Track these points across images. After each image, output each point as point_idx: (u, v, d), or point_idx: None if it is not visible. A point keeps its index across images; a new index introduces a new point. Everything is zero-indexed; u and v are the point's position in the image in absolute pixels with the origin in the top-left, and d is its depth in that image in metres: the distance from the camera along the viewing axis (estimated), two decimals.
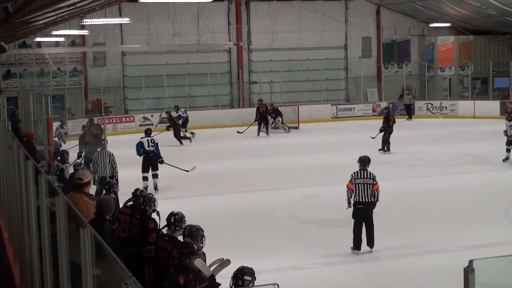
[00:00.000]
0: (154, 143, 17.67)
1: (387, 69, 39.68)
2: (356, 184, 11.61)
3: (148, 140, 17.69)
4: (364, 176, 11.67)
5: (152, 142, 17.62)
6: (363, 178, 11.65)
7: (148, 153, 17.48)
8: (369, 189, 11.56)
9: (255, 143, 27.51)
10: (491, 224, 13.31)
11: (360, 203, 11.60)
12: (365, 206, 11.59)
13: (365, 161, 12.00)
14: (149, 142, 17.62)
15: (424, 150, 23.89)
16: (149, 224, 8.41)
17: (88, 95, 34.46)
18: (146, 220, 8.47)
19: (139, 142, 17.74)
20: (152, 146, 17.56)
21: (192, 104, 35.13)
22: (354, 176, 11.70)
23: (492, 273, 4.80)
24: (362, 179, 11.64)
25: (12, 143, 8.52)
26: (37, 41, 30.93)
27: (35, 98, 23.74)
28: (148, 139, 17.70)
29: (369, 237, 11.69)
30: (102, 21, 25.11)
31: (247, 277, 6.18)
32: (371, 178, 11.66)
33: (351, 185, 11.66)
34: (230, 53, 37.05)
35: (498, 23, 35.68)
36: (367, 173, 11.73)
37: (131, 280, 3.48)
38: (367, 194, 11.56)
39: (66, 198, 5.30)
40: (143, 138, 17.78)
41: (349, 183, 11.72)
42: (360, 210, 11.62)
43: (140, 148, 17.58)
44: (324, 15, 38.06)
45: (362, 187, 11.57)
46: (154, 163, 17.55)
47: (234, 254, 7.60)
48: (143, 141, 17.64)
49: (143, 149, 17.50)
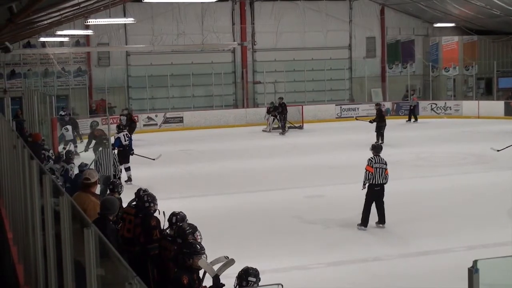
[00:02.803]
0: (129, 137, 19.47)
1: (391, 69, 39.65)
2: (375, 168, 12.88)
3: (124, 135, 19.16)
4: (380, 162, 12.97)
5: (128, 137, 19.33)
6: (380, 163, 12.94)
7: (125, 147, 18.89)
8: (383, 173, 12.90)
9: (259, 143, 27.49)
10: (495, 224, 13.29)
11: (377, 185, 12.90)
12: (381, 188, 12.93)
13: (378, 148, 13.35)
14: (125, 137, 19.12)
15: (428, 150, 23.87)
16: (152, 221, 8.45)
17: (93, 95, 34.48)
18: (148, 218, 8.51)
19: (117, 137, 19.07)
20: (127, 141, 19.19)
21: (196, 104, 35.14)
22: (373, 161, 12.96)
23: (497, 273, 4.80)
24: (379, 164, 12.92)
25: (17, 143, 8.53)
26: (41, 41, 30.96)
27: (39, 98, 23.81)
28: (124, 134, 19.16)
29: (382, 216, 13.03)
30: (107, 21, 25.12)
31: (251, 278, 6.18)
32: (384, 163, 12.99)
33: (371, 168, 12.90)
34: (234, 53, 37.04)
35: (503, 23, 35.63)
36: (381, 159, 13.03)
37: (136, 280, 3.49)
38: (382, 177, 12.89)
39: (70, 198, 5.31)
40: (120, 134, 19.14)
41: (368, 166, 12.93)
42: (377, 192, 12.91)
43: (118, 143, 18.76)
44: (328, 15, 38.04)
45: (379, 171, 12.88)
46: (127, 156, 18.94)
47: (238, 254, 7.60)
48: (120, 136, 19.04)
49: (120, 143, 18.83)
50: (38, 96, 24.06)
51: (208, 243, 7.34)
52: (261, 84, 36.88)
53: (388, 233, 13.01)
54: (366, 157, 12.37)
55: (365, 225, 12.99)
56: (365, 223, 13.00)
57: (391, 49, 39.72)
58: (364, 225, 13.00)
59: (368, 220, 13.01)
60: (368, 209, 12.99)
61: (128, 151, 19.01)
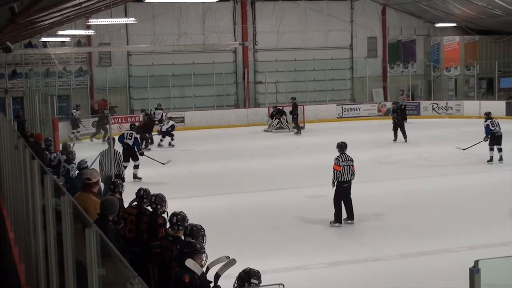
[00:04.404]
0: (132, 136, 19.27)
1: (392, 69, 39.66)
2: (342, 166, 13.28)
3: (127, 133, 19.46)
4: (346, 159, 13.38)
5: (130, 136, 19.27)
6: (346, 160, 13.37)
7: (128, 145, 19.06)
8: (350, 169, 13.34)
9: (260, 143, 27.50)
10: (496, 224, 13.28)
11: (345, 182, 13.34)
12: (349, 184, 13.38)
13: (343, 146, 13.62)
14: (127, 135, 19.30)
15: (429, 150, 23.87)
16: (159, 219, 8.47)
17: (94, 95, 34.52)
18: (155, 216, 8.52)
19: (121, 134, 19.67)
20: (130, 139, 19.14)
21: (198, 104, 35.15)
22: (340, 159, 13.36)
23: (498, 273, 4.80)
24: (346, 162, 13.34)
25: (18, 143, 8.53)
26: (43, 41, 30.97)
27: (40, 98, 23.82)
28: (127, 132, 19.56)
29: (351, 212, 13.46)
30: (108, 21, 25.12)
31: (254, 280, 6.14)
32: (351, 160, 13.42)
33: (338, 167, 13.31)
34: (235, 53, 37.06)
35: (504, 23, 35.62)
36: (347, 156, 13.43)
37: (137, 280, 3.49)
38: (350, 174, 13.34)
39: (71, 198, 5.31)
40: (126, 131, 19.91)
41: (336, 165, 13.34)
42: (345, 188, 13.33)
43: (121, 139, 19.15)
44: (329, 15, 38.04)
45: (346, 169, 13.29)
46: (132, 154, 18.99)
47: (239, 254, 7.60)
48: (124, 133, 19.57)
49: (122, 141, 19.12)
50: (39, 96, 24.08)
51: (209, 243, 7.35)
52: (262, 84, 36.91)
53: (389, 233, 13.01)
54: (367, 157, 12.51)
55: (339, 221, 13.38)
56: (339, 220, 13.38)
57: (392, 49, 39.73)
58: (338, 222, 13.37)
59: (341, 216, 13.39)
60: (339, 206, 13.39)
61: (130, 149, 19.04)
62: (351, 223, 13.48)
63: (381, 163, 21.50)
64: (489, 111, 21.73)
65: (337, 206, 13.42)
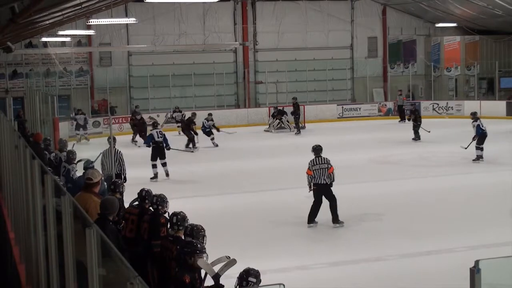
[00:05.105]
0: (162, 134, 19.72)
1: (393, 69, 39.65)
2: (314, 170, 13.37)
3: (157, 132, 19.60)
4: (319, 163, 13.41)
5: (161, 134, 19.65)
6: (319, 163, 13.39)
7: (158, 144, 19.31)
8: (325, 172, 13.30)
9: (261, 143, 27.50)
10: (497, 224, 13.28)
11: (319, 185, 13.33)
12: (319, 187, 13.32)
13: (318, 150, 13.74)
14: (158, 134, 19.51)
15: (429, 150, 23.86)
16: (161, 219, 8.46)
17: (94, 95, 34.53)
18: (158, 216, 8.52)
19: (149, 134, 19.87)
20: (161, 137, 19.47)
21: (198, 104, 35.11)
22: (311, 163, 13.44)
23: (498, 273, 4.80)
24: (318, 165, 13.38)
25: (18, 143, 8.53)
26: (43, 41, 31.00)
27: (41, 98, 23.83)
28: (157, 131, 19.64)
29: (333, 216, 13.32)
30: (108, 21, 25.16)
31: (251, 279, 6.17)
32: (325, 163, 13.40)
33: (309, 171, 13.43)
34: (236, 53, 37.07)
35: (504, 23, 35.61)
36: (321, 159, 13.47)
37: (137, 280, 3.49)
38: (325, 176, 13.27)
39: (72, 198, 5.31)
40: (153, 131, 19.75)
41: (308, 170, 13.47)
42: (317, 191, 13.34)
43: (150, 140, 19.56)
44: (330, 15, 38.05)
45: (319, 172, 13.32)
46: (163, 152, 19.40)
47: (240, 254, 7.60)
48: (153, 133, 19.58)
49: (153, 140, 19.36)
50: (40, 96, 24.09)
51: (209, 243, 7.35)
52: (262, 84, 36.91)
53: (389, 233, 13.01)
54: (367, 157, 12.47)
55: (309, 221, 13.41)
56: (309, 220, 13.42)
57: (392, 49, 39.73)
58: (309, 222, 13.42)
59: (313, 218, 13.37)
60: (313, 207, 13.40)
61: (163, 147, 19.37)
62: (334, 226, 13.30)
63: (381, 163, 21.49)
64: (476, 111, 21.90)
65: (312, 207, 13.43)
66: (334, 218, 13.32)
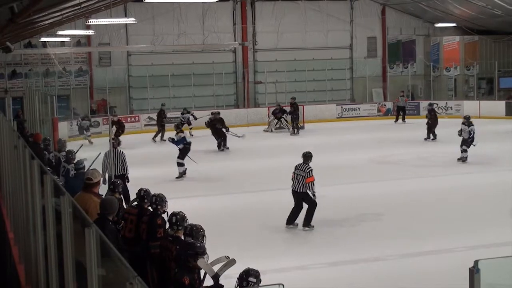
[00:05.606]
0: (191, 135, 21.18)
1: (392, 69, 39.64)
2: (294, 174, 13.25)
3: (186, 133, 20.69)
4: (300, 168, 13.19)
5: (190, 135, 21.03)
6: (299, 170, 13.18)
7: (190, 144, 20.01)
8: (302, 180, 13.05)
9: (261, 144, 27.48)
10: (497, 224, 13.28)
11: (293, 190, 13.27)
12: (293, 193, 13.26)
13: (307, 157, 13.44)
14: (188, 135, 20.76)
15: (429, 150, 23.88)
16: (157, 220, 8.47)
17: (94, 95, 34.51)
18: (155, 217, 8.52)
19: (183, 136, 20.06)
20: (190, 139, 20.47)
21: (197, 104, 35.09)
22: (295, 167, 13.32)
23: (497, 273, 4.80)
24: (298, 170, 13.19)
25: (18, 143, 8.53)
26: (42, 41, 30.98)
27: (40, 98, 23.82)
28: (185, 133, 20.56)
29: (305, 216, 13.25)
30: (108, 21, 25.15)
31: (251, 279, 6.17)
32: (303, 170, 13.10)
33: (292, 174, 13.32)
34: (235, 53, 37.05)
35: (504, 23, 35.61)
36: (302, 166, 13.21)
37: (137, 280, 3.49)
38: (299, 184, 13.11)
39: (71, 198, 5.31)
40: (185, 132, 20.91)
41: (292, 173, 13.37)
42: (294, 196, 13.27)
43: (183, 141, 19.81)
44: (329, 15, 38.03)
45: (297, 177, 13.16)
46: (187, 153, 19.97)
47: (240, 254, 7.59)
48: (185, 135, 20.28)
49: (186, 141, 19.86)
50: (39, 96, 24.08)
51: (209, 243, 7.35)
52: (262, 84, 36.89)
53: (389, 233, 13.01)
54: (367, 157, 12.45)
55: (288, 223, 13.38)
56: (287, 221, 13.39)
57: (392, 49, 39.72)
58: (288, 223, 13.40)
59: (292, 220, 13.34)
60: (293, 210, 13.35)
61: (189, 148, 19.97)
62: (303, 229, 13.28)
63: (380, 163, 21.48)
64: (469, 115, 22.06)
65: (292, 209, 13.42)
66: (304, 220, 13.27)
